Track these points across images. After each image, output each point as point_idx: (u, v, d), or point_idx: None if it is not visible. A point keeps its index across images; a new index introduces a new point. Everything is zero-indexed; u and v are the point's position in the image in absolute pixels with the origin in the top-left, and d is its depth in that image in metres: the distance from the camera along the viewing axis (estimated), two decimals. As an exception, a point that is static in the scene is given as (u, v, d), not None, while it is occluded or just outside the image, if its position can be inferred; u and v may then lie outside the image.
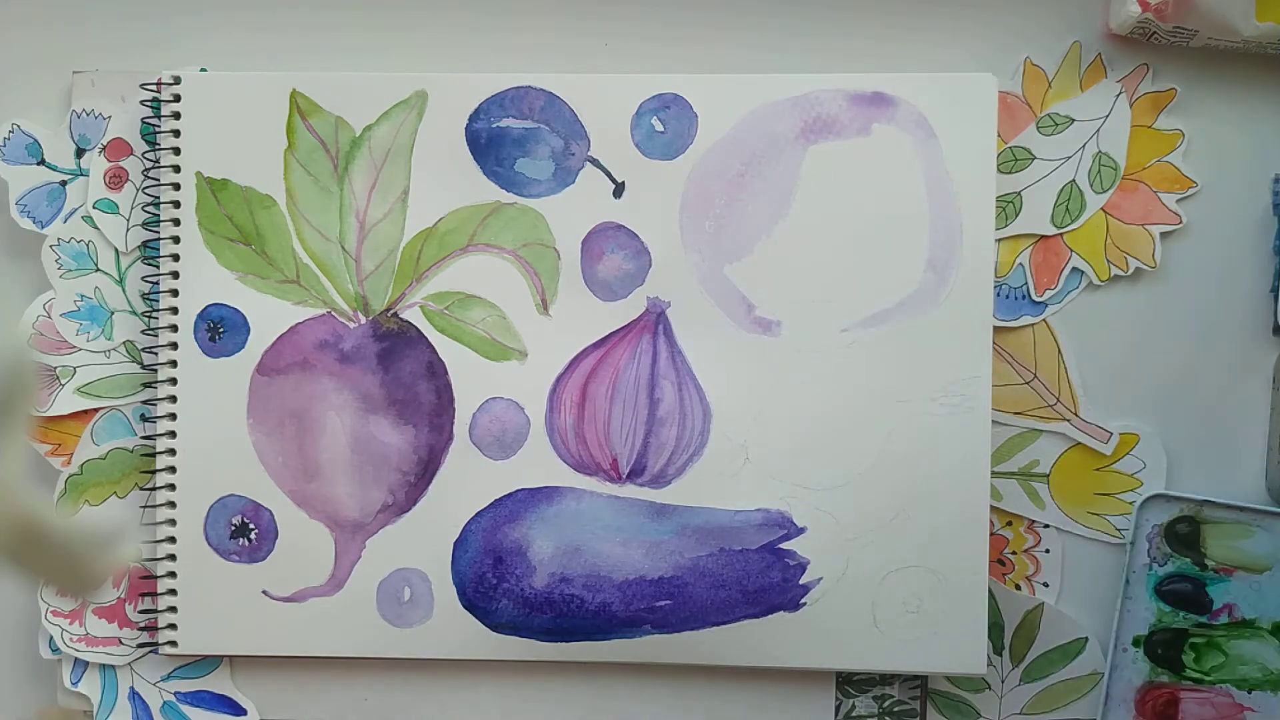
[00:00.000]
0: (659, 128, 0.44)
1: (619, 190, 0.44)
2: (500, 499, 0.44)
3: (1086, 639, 0.45)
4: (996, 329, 0.44)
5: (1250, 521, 0.43)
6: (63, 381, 0.45)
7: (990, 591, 0.44)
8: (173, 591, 0.45)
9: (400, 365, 0.44)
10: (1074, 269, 0.44)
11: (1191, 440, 0.44)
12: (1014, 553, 0.45)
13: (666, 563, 0.44)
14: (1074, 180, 0.44)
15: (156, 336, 0.45)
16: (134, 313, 0.46)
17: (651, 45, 0.45)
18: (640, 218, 0.44)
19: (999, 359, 0.44)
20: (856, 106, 0.43)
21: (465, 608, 0.44)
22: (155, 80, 0.45)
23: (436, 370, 0.44)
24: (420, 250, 0.44)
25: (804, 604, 0.43)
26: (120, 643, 0.45)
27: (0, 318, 0.33)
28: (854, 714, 0.45)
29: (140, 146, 0.45)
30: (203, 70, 0.45)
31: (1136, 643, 0.44)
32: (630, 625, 0.44)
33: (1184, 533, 0.43)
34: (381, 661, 0.45)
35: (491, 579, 0.44)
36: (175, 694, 0.46)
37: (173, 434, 0.45)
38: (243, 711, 0.46)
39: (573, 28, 0.46)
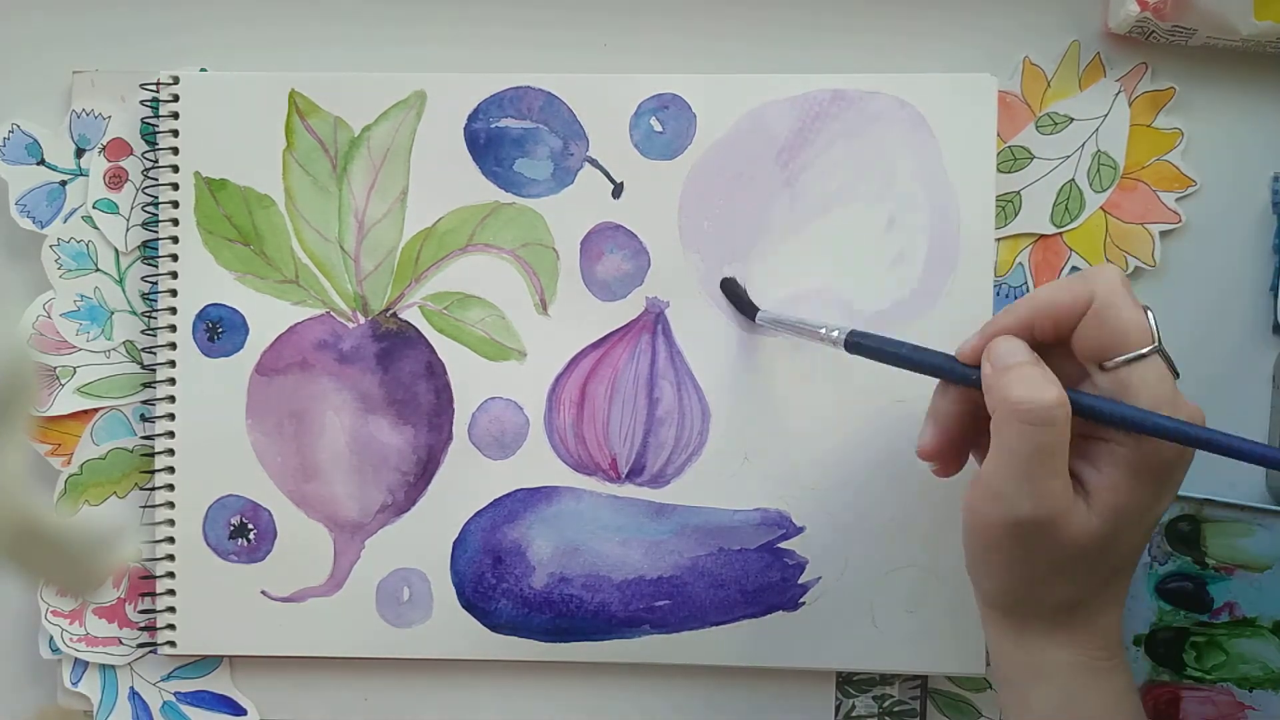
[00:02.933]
0: (658, 128, 0.44)
1: (618, 190, 0.44)
2: (499, 499, 0.44)
3: (1086, 638, 0.44)
4: (996, 328, 0.44)
5: (1251, 520, 0.43)
6: (63, 381, 0.45)
7: (990, 591, 0.44)
8: (171, 592, 0.45)
9: (399, 365, 0.44)
10: (1074, 268, 0.44)
11: (1191, 439, 0.44)
12: (1014, 552, 0.45)
13: (665, 562, 0.44)
14: (1073, 179, 0.44)
15: (156, 336, 0.45)
16: (134, 313, 0.46)
17: (650, 45, 0.45)
18: (639, 218, 0.44)
19: (998, 358, 0.44)
20: (856, 107, 0.43)
21: (464, 608, 0.44)
22: (155, 80, 0.45)
23: (435, 370, 0.44)
24: (419, 250, 0.44)
25: (803, 604, 0.43)
26: (120, 643, 0.45)
27: (0, 318, 0.33)
28: (854, 714, 0.45)
29: (140, 146, 0.45)
30: (202, 70, 0.45)
31: (1137, 641, 0.44)
32: (629, 625, 0.44)
33: (1184, 531, 0.43)
34: (381, 661, 0.45)
35: (491, 579, 0.44)
36: (175, 694, 0.46)
37: (171, 434, 0.45)
38: (243, 711, 0.46)
39: (572, 28, 0.46)
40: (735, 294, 0.43)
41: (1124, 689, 0.35)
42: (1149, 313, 0.34)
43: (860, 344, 0.38)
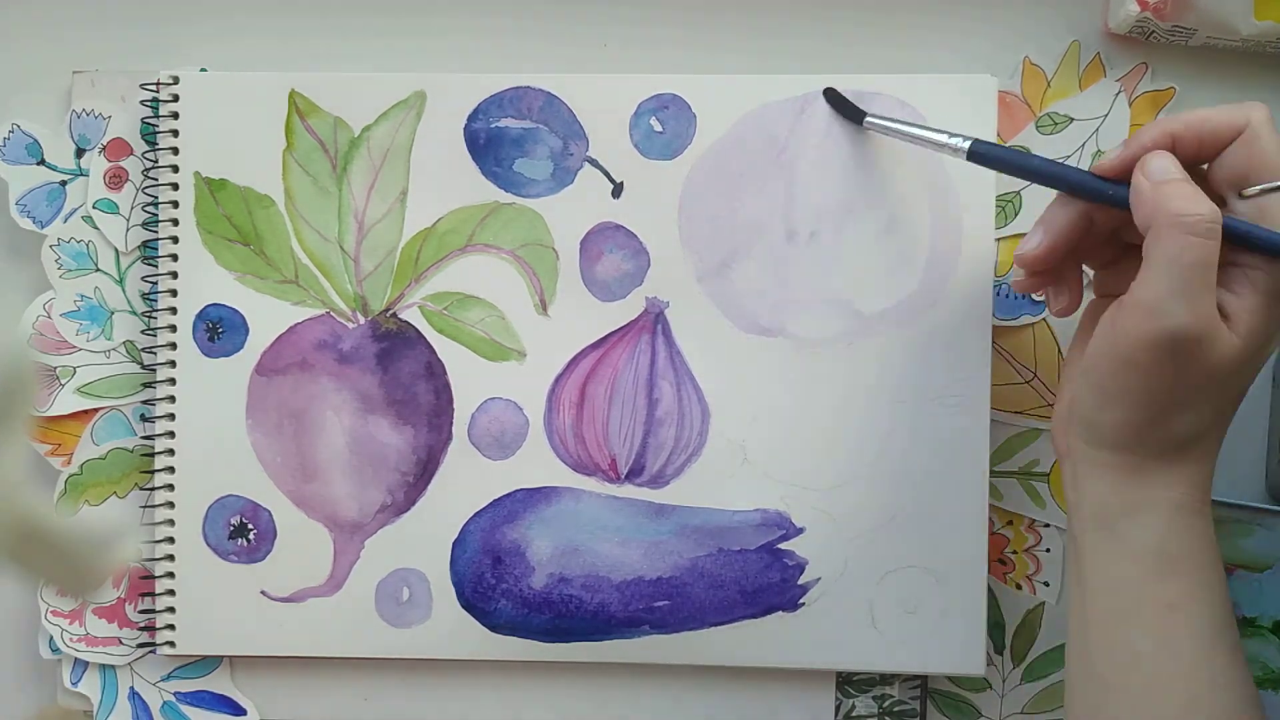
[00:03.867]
0: (657, 128, 0.44)
1: (617, 190, 0.44)
2: (499, 499, 0.44)
3: (1086, 639, 0.44)
4: (996, 329, 0.44)
5: (1250, 520, 0.43)
6: (63, 381, 0.45)
7: (991, 591, 0.44)
8: (171, 592, 0.45)
9: (399, 365, 0.44)
10: (1074, 268, 0.44)
11: (1191, 440, 0.44)
12: (1015, 552, 0.45)
13: (665, 563, 0.44)
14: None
15: (156, 336, 0.45)
16: (134, 313, 0.46)
17: (650, 46, 0.45)
18: (639, 218, 0.44)
19: (999, 358, 0.44)
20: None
21: (464, 608, 0.44)
22: (155, 80, 0.45)
23: (435, 370, 0.44)
24: (419, 250, 0.44)
25: (802, 604, 0.43)
26: (120, 643, 0.45)
27: (0, 318, 0.33)
28: (854, 714, 0.45)
29: (140, 146, 0.45)
30: (202, 70, 0.45)
31: (1136, 642, 0.44)
32: (629, 625, 0.44)
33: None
34: (381, 661, 0.45)
35: (490, 579, 0.44)
36: (175, 694, 0.46)
37: (171, 434, 0.45)
38: (243, 711, 0.46)
39: (571, 28, 0.46)
40: (839, 102, 0.43)
41: (1213, 534, 0.36)
42: None
43: (985, 154, 0.38)
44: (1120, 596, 0.36)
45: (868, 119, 0.42)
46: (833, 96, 0.43)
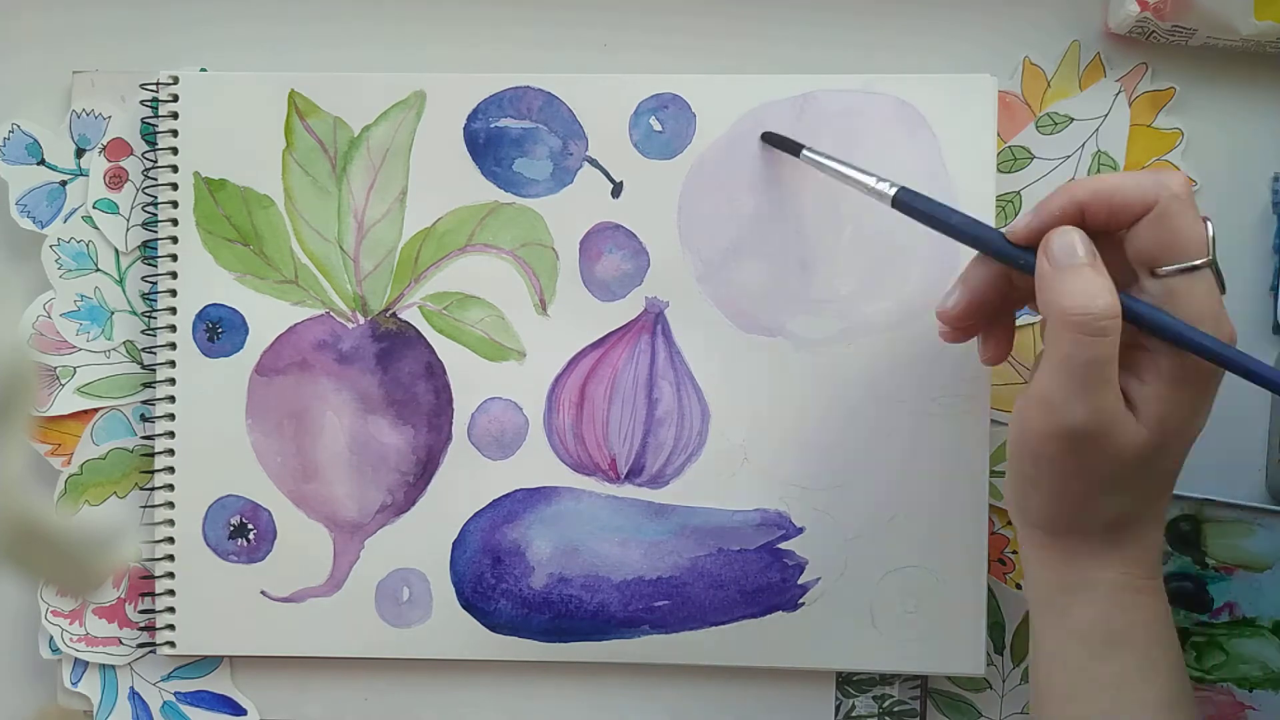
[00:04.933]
0: (657, 127, 0.44)
1: (617, 190, 0.44)
2: (499, 499, 0.44)
3: (1086, 638, 0.44)
4: (996, 328, 0.44)
5: (1251, 520, 0.43)
6: (63, 381, 0.45)
7: (991, 591, 0.44)
8: (170, 592, 0.45)
9: (399, 365, 0.44)
10: (1073, 268, 0.44)
11: (1191, 439, 0.44)
12: (1015, 552, 0.45)
13: (665, 563, 0.44)
14: (1073, 179, 0.44)
15: (156, 336, 0.45)
16: (134, 313, 0.46)
17: (650, 45, 0.45)
18: (638, 218, 0.44)
19: (999, 358, 0.44)
20: (855, 107, 0.43)
21: (464, 608, 0.44)
22: (155, 80, 0.45)
23: (435, 370, 0.44)
24: (419, 250, 0.44)
25: (802, 604, 0.43)
26: (120, 643, 0.45)
27: (0, 318, 0.33)
28: (854, 714, 0.45)
29: (140, 146, 0.45)
30: (202, 70, 0.45)
31: (1136, 642, 0.44)
32: (629, 625, 0.44)
33: (1184, 531, 0.43)
34: (381, 661, 0.45)
35: (490, 579, 0.44)
36: (175, 694, 0.46)
37: (171, 434, 0.45)
38: (243, 711, 0.46)
39: (571, 28, 0.46)
40: (777, 140, 0.42)
41: (1162, 610, 0.35)
42: (1208, 224, 0.33)
43: (908, 203, 0.37)
44: (1067, 673, 0.35)
45: (804, 152, 0.41)
46: (770, 138, 0.43)
